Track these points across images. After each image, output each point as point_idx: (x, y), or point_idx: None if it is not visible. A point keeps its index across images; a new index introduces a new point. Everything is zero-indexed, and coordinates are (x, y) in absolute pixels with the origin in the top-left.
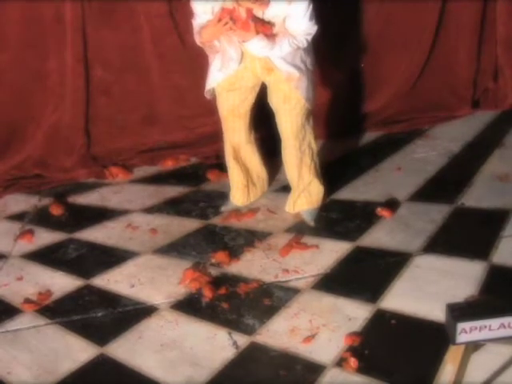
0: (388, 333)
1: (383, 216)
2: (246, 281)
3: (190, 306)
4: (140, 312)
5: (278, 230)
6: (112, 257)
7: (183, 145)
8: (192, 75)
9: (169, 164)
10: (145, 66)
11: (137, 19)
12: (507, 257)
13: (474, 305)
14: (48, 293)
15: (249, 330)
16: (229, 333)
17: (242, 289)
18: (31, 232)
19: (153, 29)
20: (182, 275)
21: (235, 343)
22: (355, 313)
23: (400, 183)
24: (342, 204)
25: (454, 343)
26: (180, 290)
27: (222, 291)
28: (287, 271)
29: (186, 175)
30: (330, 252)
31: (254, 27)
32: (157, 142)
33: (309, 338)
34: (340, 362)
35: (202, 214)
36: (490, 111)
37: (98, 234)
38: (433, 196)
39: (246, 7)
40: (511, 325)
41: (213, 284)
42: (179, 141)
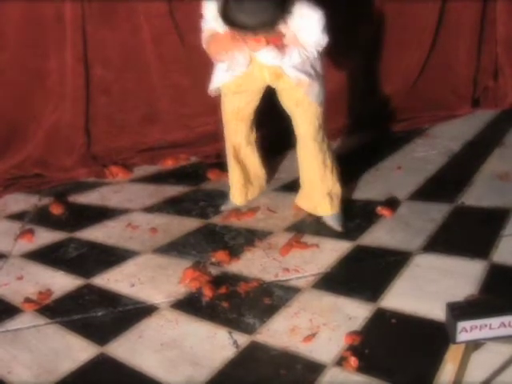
0: (388, 332)
1: (383, 215)
2: (247, 280)
3: (190, 306)
4: (140, 311)
5: (278, 229)
6: (112, 256)
7: (183, 144)
8: (192, 74)
9: (169, 163)
10: (145, 66)
11: (137, 19)
12: (507, 256)
13: (474, 304)
14: (48, 292)
15: (249, 329)
16: (229, 332)
17: (243, 288)
18: (31, 231)
19: (153, 28)
20: (182, 274)
21: (235, 342)
22: (355, 312)
23: (400, 182)
24: (342, 203)
25: (455, 342)
26: (180, 290)
27: (222, 290)
28: (287, 270)
29: (186, 174)
30: (331, 251)
31: (265, 38)
32: (157, 141)
33: (309, 337)
34: (340, 361)
35: (202, 214)
36: (490, 110)
37: (98, 234)
38: (433, 195)
39: None
40: (511, 324)
41: (213, 283)
42: (179, 140)
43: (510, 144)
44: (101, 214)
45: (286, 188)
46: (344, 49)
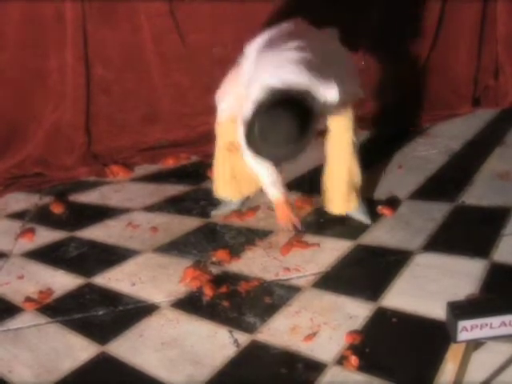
0: (389, 331)
1: (384, 214)
2: (247, 279)
3: (191, 305)
4: (141, 310)
5: (279, 229)
6: (113, 255)
7: (184, 143)
8: (193, 74)
9: (169, 162)
10: (145, 65)
11: (137, 18)
12: (508, 255)
13: (475, 303)
14: (49, 291)
15: (250, 329)
16: (230, 331)
17: (243, 287)
18: (32, 231)
19: (153, 28)
20: (183, 274)
21: (236, 341)
22: (356, 311)
23: (400, 181)
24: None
25: (455, 341)
26: (181, 289)
27: (223, 289)
28: (288, 269)
29: (187, 173)
30: (331, 250)
31: None
32: (157, 141)
33: (310, 337)
34: (341, 360)
35: (203, 213)
36: (491, 109)
37: (99, 233)
38: (433, 194)
39: None
40: None
41: (213, 282)
42: (180, 139)
43: (511, 143)
44: (101, 213)
45: (287, 187)
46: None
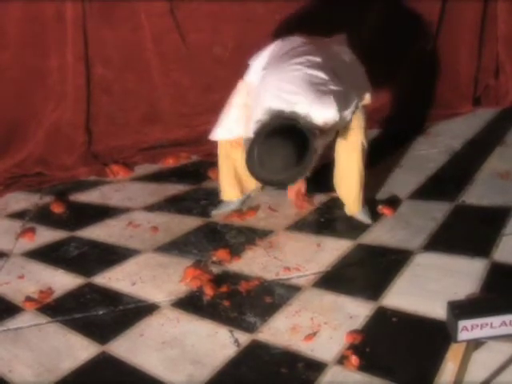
0: (389, 331)
1: (384, 214)
2: (247, 279)
3: (191, 304)
4: (141, 310)
5: (279, 228)
6: (113, 255)
7: (184, 143)
8: (193, 73)
9: (170, 162)
10: (145, 64)
11: (137, 18)
12: (508, 254)
13: (475, 302)
14: (49, 291)
15: (250, 328)
16: (230, 331)
17: (243, 287)
18: (32, 230)
19: (153, 27)
20: (183, 273)
21: (236, 341)
22: (356, 311)
23: (401, 181)
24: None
25: (456, 341)
26: (181, 288)
27: (223, 289)
28: (288, 269)
29: (187, 173)
30: (331, 250)
31: None
32: (158, 140)
33: (310, 336)
34: (341, 360)
35: (203, 212)
36: (492, 109)
37: (99, 232)
38: (434, 194)
39: None
40: None
41: (214, 282)
42: (180, 139)
43: (511, 142)
44: (102, 213)
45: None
46: None
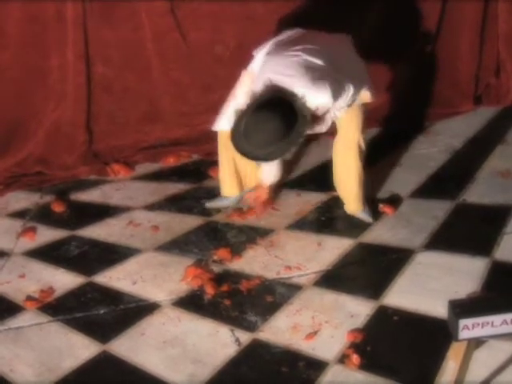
0: (390, 329)
1: (385, 212)
2: (248, 278)
3: (192, 303)
4: (142, 309)
5: (280, 227)
6: (114, 254)
7: (185, 142)
8: (193, 72)
9: (170, 161)
10: (146, 64)
11: (138, 17)
12: (509, 253)
13: (476, 301)
14: (50, 290)
15: (251, 327)
16: (231, 330)
17: (244, 286)
18: (33, 229)
19: (154, 26)
20: (184, 272)
21: (237, 340)
22: (357, 309)
23: (402, 180)
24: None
25: (457, 340)
26: (182, 287)
27: (224, 288)
28: (289, 268)
29: (188, 172)
30: (332, 249)
31: None
32: (158, 139)
33: (311, 335)
34: (342, 359)
35: (204, 211)
36: (492, 107)
37: (100, 232)
38: (435, 192)
39: None
40: None
41: (215, 281)
42: (181, 138)
43: None
44: (102, 212)
45: (288, 186)
46: None
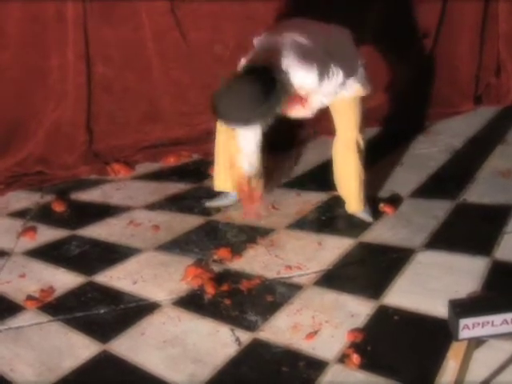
0: (390, 329)
1: (385, 212)
2: (249, 277)
3: (193, 303)
4: (142, 309)
5: (281, 227)
6: (114, 253)
7: (185, 141)
8: (193, 72)
9: (171, 161)
10: (146, 63)
11: (138, 16)
12: (509, 253)
13: (477, 301)
14: (50, 290)
15: (251, 327)
16: (231, 329)
17: (245, 285)
18: (33, 229)
19: (154, 26)
20: (185, 272)
21: (238, 339)
22: (357, 309)
23: (402, 179)
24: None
25: (457, 339)
26: (182, 287)
27: (225, 288)
28: (289, 267)
29: (188, 172)
30: (332, 248)
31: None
32: (158, 139)
33: (311, 335)
34: (342, 359)
35: (204, 211)
36: (493, 107)
37: (101, 231)
38: (435, 192)
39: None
40: None
41: (215, 280)
42: (181, 137)
43: None
44: (103, 212)
45: (289, 186)
46: None
